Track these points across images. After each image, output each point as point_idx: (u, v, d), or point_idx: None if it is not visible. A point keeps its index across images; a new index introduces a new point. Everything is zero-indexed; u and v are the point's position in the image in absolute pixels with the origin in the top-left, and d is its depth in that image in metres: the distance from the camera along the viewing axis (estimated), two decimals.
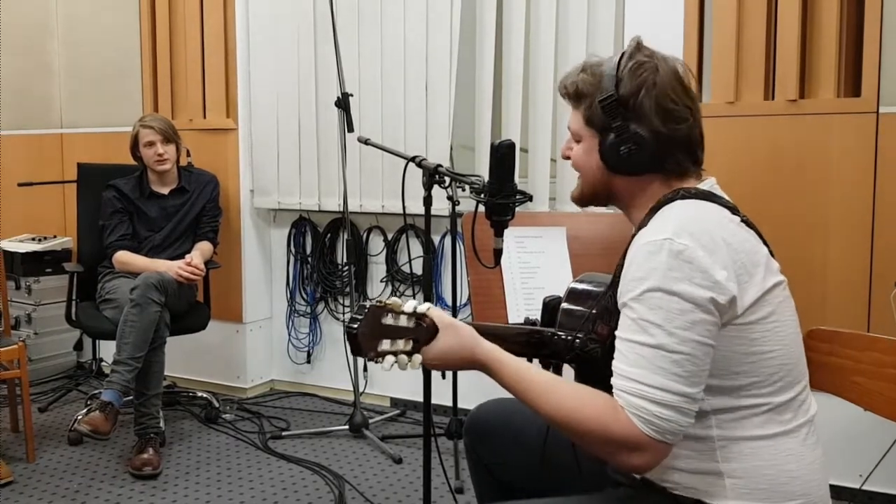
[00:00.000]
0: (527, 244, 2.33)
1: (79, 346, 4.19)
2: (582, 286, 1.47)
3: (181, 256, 3.29)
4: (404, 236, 3.55)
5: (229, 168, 3.76)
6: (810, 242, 2.59)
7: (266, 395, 3.87)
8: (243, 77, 3.74)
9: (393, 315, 1.26)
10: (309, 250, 3.81)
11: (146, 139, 3.34)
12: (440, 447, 3.00)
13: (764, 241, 1.32)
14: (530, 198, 1.80)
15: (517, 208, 1.76)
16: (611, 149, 1.33)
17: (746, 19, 2.63)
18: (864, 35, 2.50)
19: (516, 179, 1.75)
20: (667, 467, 1.28)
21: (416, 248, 3.52)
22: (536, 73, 3.18)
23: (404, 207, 2.24)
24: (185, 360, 3.83)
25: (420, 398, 2.27)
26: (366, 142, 2.95)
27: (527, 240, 2.33)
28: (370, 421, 3.31)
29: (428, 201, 2.19)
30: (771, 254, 1.32)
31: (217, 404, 3.56)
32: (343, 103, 3.20)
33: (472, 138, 3.39)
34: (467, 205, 1.98)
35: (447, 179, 2.14)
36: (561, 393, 1.25)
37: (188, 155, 3.56)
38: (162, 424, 3.13)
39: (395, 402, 3.67)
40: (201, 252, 3.35)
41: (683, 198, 1.31)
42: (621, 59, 1.33)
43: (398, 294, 3.60)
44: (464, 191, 2.07)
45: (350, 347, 1.24)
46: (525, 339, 1.46)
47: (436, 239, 3.45)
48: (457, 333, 1.30)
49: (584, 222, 2.38)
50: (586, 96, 1.35)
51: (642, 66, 1.32)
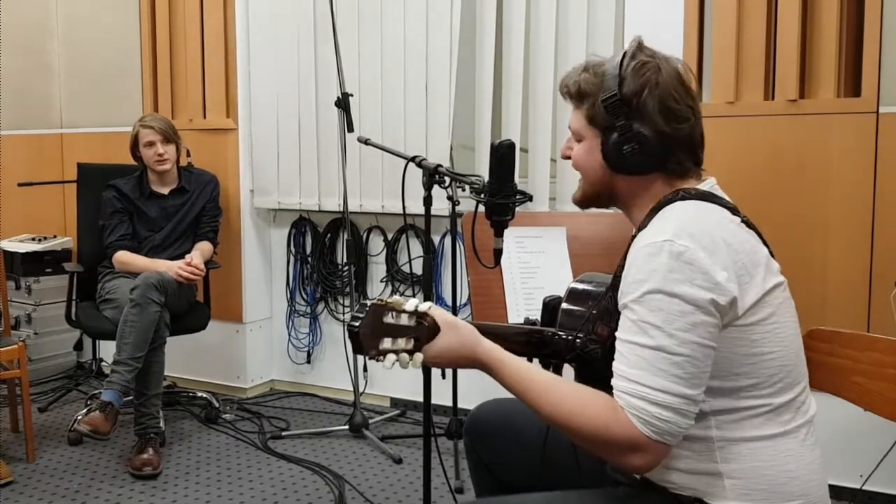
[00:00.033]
0: (527, 244, 2.33)
1: (79, 346, 4.19)
2: (582, 286, 1.48)
3: (181, 256, 3.29)
4: (404, 236, 3.55)
5: (229, 168, 3.76)
6: (810, 242, 2.59)
7: (266, 395, 3.87)
8: (243, 77, 3.74)
9: (394, 314, 1.26)
10: (309, 250, 3.80)
11: (146, 139, 3.34)
12: (440, 447, 3.00)
13: (764, 241, 1.32)
14: (530, 198, 1.80)
15: (517, 208, 1.76)
16: (613, 148, 1.33)
17: (746, 19, 2.63)
18: (864, 35, 2.50)
19: (516, 179, 1.75)
20: (666, 468, 1.28)
21: (416, 248, 3.52)
22: (536, 73, 3.18)
23: (404, 207, 2.23)
24: (185, 360, 3.83)
25: (420, 398, 2.26)
26: (366, 142, 2.95)
27: (527, 240, 2.33)
28: (370, 421, 3.31)
29: (428, 201, 2.19)
30: (771, 254, 1.32)
31: (217, 404, 3.56)
32: (343, 103, 3.21)
33: (472, 138, 3.39)
34: (467, 205, 1.98)
35: (447, 179, 2.14)
36: (561, 393, 1.25)
37: (188, 155, 3.56)
38: (162, 424, 3.13)
39: (395, 403, 3.67)
40: (201, 252, 3.35)
41: (684, 199, 1.31)
42: (623, 58, 1.33)
43: (398, 294, 3.60)
44: (464, 191, 2.07)
45: (351, 345, 1.24)
46: (525, 339, 1.46)
47: (436, 239, 3.45)
48: (458, 332, 1.30)
49: (584, 222, 2.38)
50: (589, 95, 1.35)
51: (645, 65, 1.32)
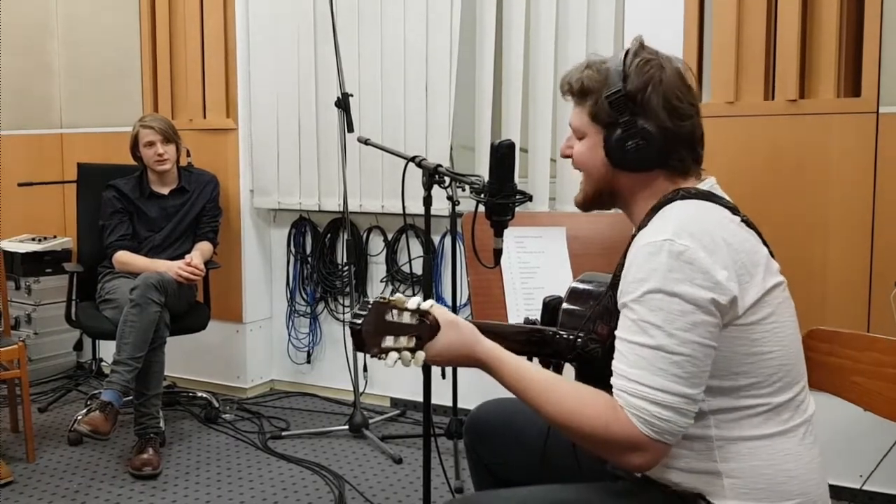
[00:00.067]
0: (527, 244, 2.33)
1: (79, 347, 4.19)
2: (583, 286, 1.48)
3: (181, 256, 3.29)
4: (404, 236, 3.55)
5: (229, 168, 3.76)
6: (810, 242, 2.59)
7: (266, 395, 3.87)
8: (243, 77, 3.74)
9: (396, 312, 1.26)
10: (309, 250, 3.80)
11: (146, 139, 3.34)
12: (440, 447, 3.00)
13: (764, 241, 1.32)
14: (530, 198, 1.80)
15: (517, 208, 1.76)
16: (617, 144, 1.33)
17: (746, 19, 2.63)
18: (864, 35, 2.50)
19: (516, 179, 1.75)
20: (666, 467, 1.28)
21: (416, 248, 3.52)
22: (536, 72, 3.18)
23: (404, 207, 2.24)
24: (185, 360, 3.83)
25: (420, 398, 2.26)
26: (366, 142, 2.95)
27: (527, 240, 2.33)
28: (370, 421, 3.31)
29: (428, 201, 2.19)
30: (771, 254, 1.32)
31: (217, 404, 3.56)
32: (343, 103, 3.20)
33: (472, 138, 3.39)
34: (467, 205, 1.98)
35: (447, 179, 2.14)
36: (561, 392, 1.25)
37: (188, 155, 3.56)
38: (162, 424, 3.13)
39: (395, 402, 3.67)
40: (201, 252, 3.35)
41: (683, 198, 1.31)
42: (626, 55, 1.34)
43: (399, 294, 3.59)
44: (464, 191, 2.07)
45: (353, 343, 1.24)
46: (526, 338, 1.46)
47: (436, 239, 3.45)
48: (458, 331, 1.30)
49: (584, 222, 2.38)
50: (592, 92, 1.35)
51: (649, 62, 1.33)
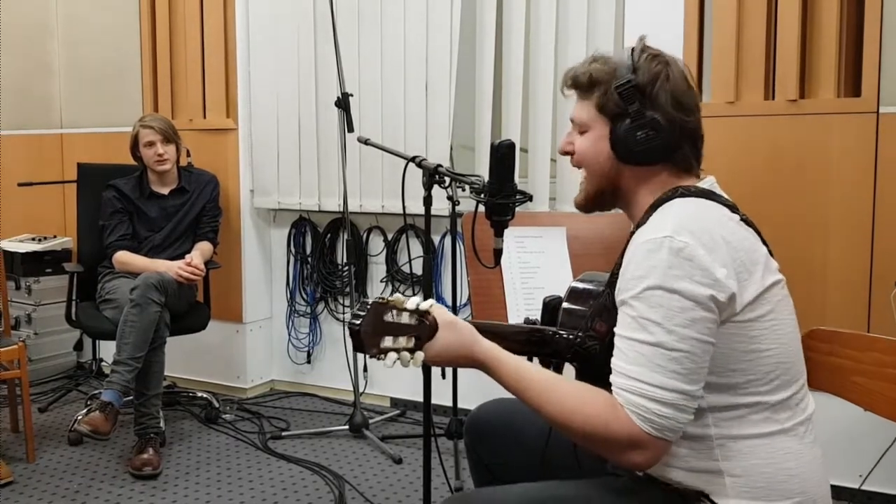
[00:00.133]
0: (527, 244, 2.33)
1: (79, 347, 4.19)
2: (583, 285, 1.47)
3: (181, 256, 3.29)
4: (404, 236, 3.55)
5: (229, 168, 3.76)
6: (810, 242, 2.59)
7: (266, 396, 3.87)
8: (243, 77, 3.74)
9: (395, 312, 1.26)
10: (309, 250, 3.80)
11: (146, 139, 3.34)
12: (440, 447, 3.00)
13: (763, 240, 1.32)
14: (530, 198, 1.80)
15: (517, 208, 1.76)
16: (626, 134, 1.33)
17: (746, 19, 2.63)
18: (864, 35, 2.50)
19: (516, 179, 1.75)
20: (666, 466, 1.28)
21: (416, 248, 3.52)
22: (536, 73, 3.18)
23: (404, 207, 2.24)
24: (185, 360, 3.83)
25: (420, 398, 2.26)
26: (366, 142, 2.95)
27: (527, 240, 2.33)
28: (370, 421, 3.31)
29: (428, 201, 2.19)
30: (770, 253, 1.32)
31: (217, 404, 3.56)
32: (343, 103, 3.21)
33: (472, 138, 3.39)
34: (467, 205, 1.98)
35: (447, 179, 2.14)
36: (561, 391, 1.25)
37: (188, 155, 3.56)
38: (162, 424, 3.13)
39: (395, 403, 3.67)
40: (201, 252, 3.35)
41: (683, 196, 1.31)
42: (633, 51, 1.35)
43: (399, 294, 3.59)
44: (464, 191, 2.07)
45: (352, 344, 1.24)
46: (525, 338, 1.46)
47: (436, 239, 3.45)
48: (456, 331, 1.30)
49: (584, 222, 2.38)
50: (601, 83, 1.35)
51: (657, 57, 1.35)
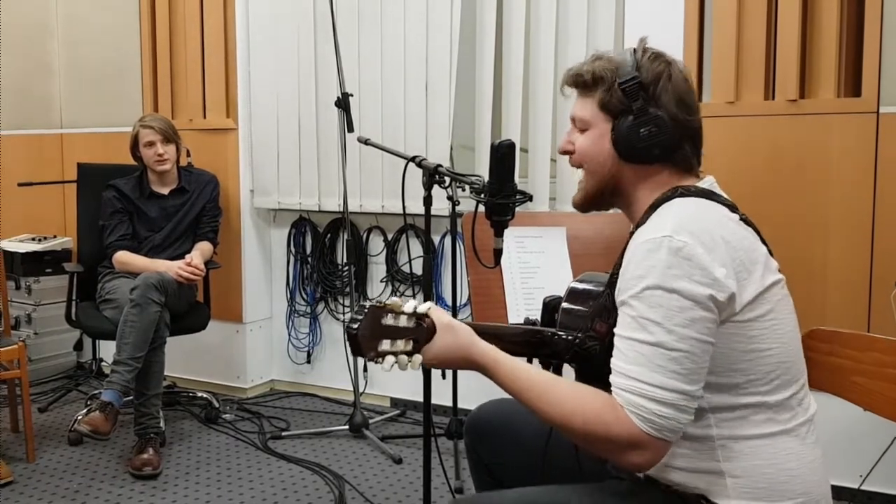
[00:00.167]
0: (527, 244, 2.33)
1: (79, 346, 4.19)
2: (582, 286, 1.47)
3: (181, 256, 3.29)
4: (404, 236, 3.55)
5: (229, 168, 3.76)
6: (810, 242, 2.59)
7: (266, 395, 3.87)
8: (243, 77, 3.74)
9: (393, 315, 1.25)
10: (309, 250, 3.81)
11: (146, 139, 3.34)
12: (440, 447, 3.00)
13: (763, 239, 1.32)
14: (530, 198, 1.80)
15: (517, 208, 1.76)
16: (629, 131, 1.33)
17: (746, 19, 2.63)
18: (865, 35, 2.50)
19: (516, 179, 1.75)
20: (668, 466, 1.28)
21: (416, 248, 3.52)
22: (536, 73, 3.18)
23: (404, 207, 2.23)
24: (185, 360, 3.83)
25: (420, 398, 2.26)
26: (366, 142, 2.95)
27: (527, 240, 2.33)
28: (370, 421, 3.31)
29: (428, 201, 2.19)
30: (770, 252, 1.32)
31: (217, 404, 3.56)
32: (343, 103, 3.21)
33: (472, 138, 3.39)
34: (467, 205, 1.98)
35: (447, 179, 2.14)
36: (559, 393, 1.25)
37: (188, 155, 3.57)
38: (162, 424, 3.13)
39: (395, 403, 3.67)
40: (201, 252, 3.35)
41: (683, 196, 1.31)
42: (635, 50, 1.36)
43: (398, 294, 3.60)
44: (464, 191, 2.07)
45: (350, 348, 1.24)
46: (525, 339, 1.46)
47: (436, 239, 3.45)
48: (454, 333, 1.30)
49: (584, 222, 2.38)
50: (604, 81, 1.35)
51: (659, 57, 1.35)
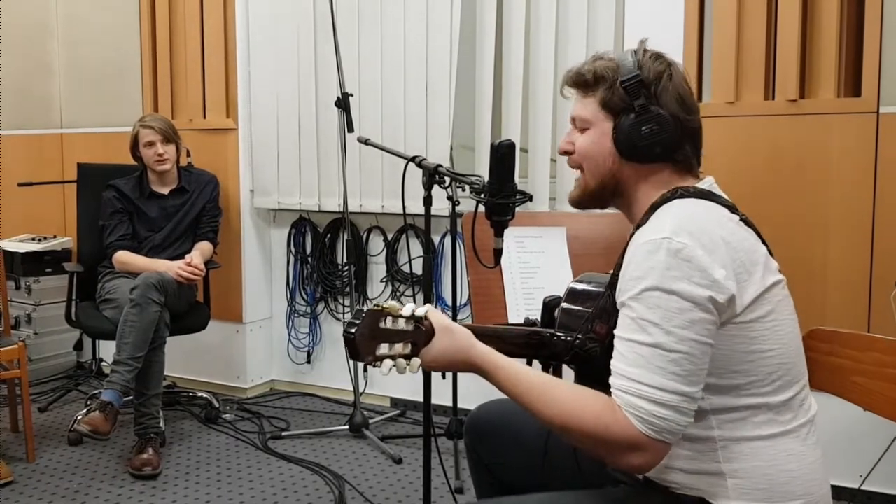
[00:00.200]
0: (527, 244, 2.33)
1: (79, 346, 4.19)
2: (581, 286, 1.47)
3: (181, 256, 3.29)
4: (404, 236, 3.55)
5: (229, 168, 3.76)
6: (810, 242, 2.59)
7: (266, 395, 3.87)
8: (243, 77, 3.74)
9: (391, 319, 1.25)
10: (309, 250, 3.80)
11: (146, 139, 3.34)
12: (440, 447, 3.00)
13: (763, 240, 1.32)
14: (530, 198, 1.80)
15: (517, 208, 1.76)
16: (631, 129, 1.32)
17: (746, 19, 2.63)
18: (865, 35, 2.50)
19: (516, 179, 1.75)
20: (668, 467, 1.28)
21: (416, 248, 3.52)
22: (536, 73, 3.18)
23: (404, 207, 2.23)
24: (185, 360, 3.83)
25: (420, 398, 2.26)
26: (366, 142, 2.95)
27: (527, 240, 2.33)
28: (370, 421, 3.31)
29: (428, 201, 2.19)
30: (770, 253, 1.32)
31: (217, 404, 3.56)
32: (343, 103, 3.21)
33: (472, 138, 3.39)
34: (467, 205, 1.98)
35: (447, 179, 2.14)
36: (559, 394, 1.25)
37: (188, 155, 3.57)
38: (162, 424, 3.13)
39: (395, 403, 3.67)
40: (201, 252, 3.35)
41: (682, 196, 1.31)
42: (636, 51, 1.36)
43: (398, 294, 3.60)
44: (464, 191, 2.07)
45: (348, 352, 1.23)
46: (524, 341, 1.46)
47: (436, 239, 3.44)
48: (452, 336, 1.30)
49: (584, 222, 2.38)
50: (605, 79, 1.35)
51: (660, 57, 1.36)
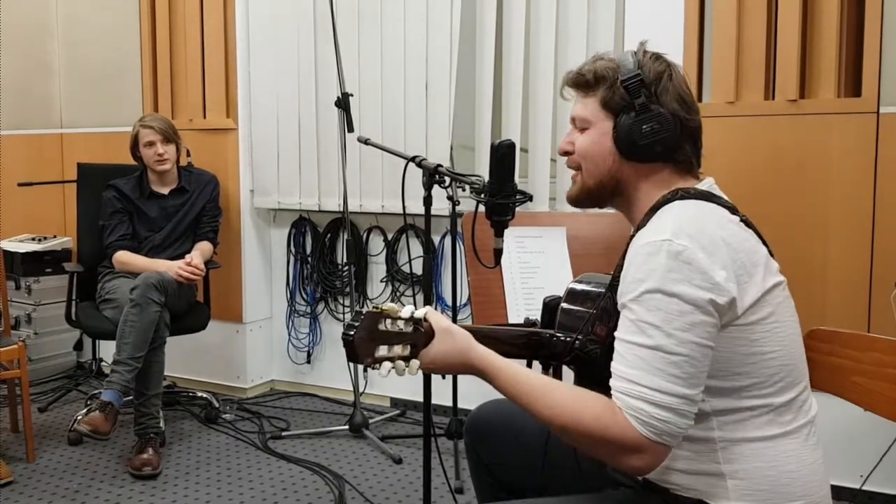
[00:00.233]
0: (527, 244, 2.33)
1: (79, 346, 4.19)
2: (581, 286, 1.47)
3: (181, 256, 3.29)
4: (404, 236, 3.55)
5: (229, 168, 3.76)
6: (810, 242, 2.59)
7: (266, 395, 3.87)
8: (243, 77, 3.74)
9: (390, 320, 1.24)
10: (309, 250, 3.80)
11: (146, 139, 3.34)
12: (440, 447, 3.00)
13: (763, 241, 1.32)
14: (530, 198, 1.80)
15: (517, 208, 1.76)
16: (631, 128, 1.32)
17: (746, 19, 2.63)
18: (865, 35, 2.50)
19: (516, 179, 1.75)
20: (668, 468, 1.27)
21: (416, 248, 3.52)
22: (536, 73, 3.18)
23: (404, 207, 2.23)
24: (185, 360, 3.83)
25: (420, 398, 2.27)
26: (366, 142, 2.96)
27: (527, 240, 2.33)
28: (370, 421, 3.31)
29: (428, 201, 2.19)
30: (770, 254, 1.31)
31: (217, 404, 3.56)
32: (343, 103, 3.21)
33: (472, 138, 3.39)
34: (467, 205, 1.98)
35: (447, 179, 2.14)
36: (558, 396, 1.24)
37: (188, 155, 3.57)
38: (162, 424, 3.13)
39: (395, 403, 3.67)
40: (201, 252, 3.35)
41: (682, 198, 1.30)
42: (636, 52, 1.36)
43: (398, 294, 3.60)
44: (464, 191, 2.07)
45: (347, 354, 1.23)
46: (524, 341, 1.46)
47: (436, 239, 3.44)
48: (452, 338, 1.29)
49: (584, 222, 2.38)
50: (606, 79, 1.35)
51: (660, 57, 1.36)
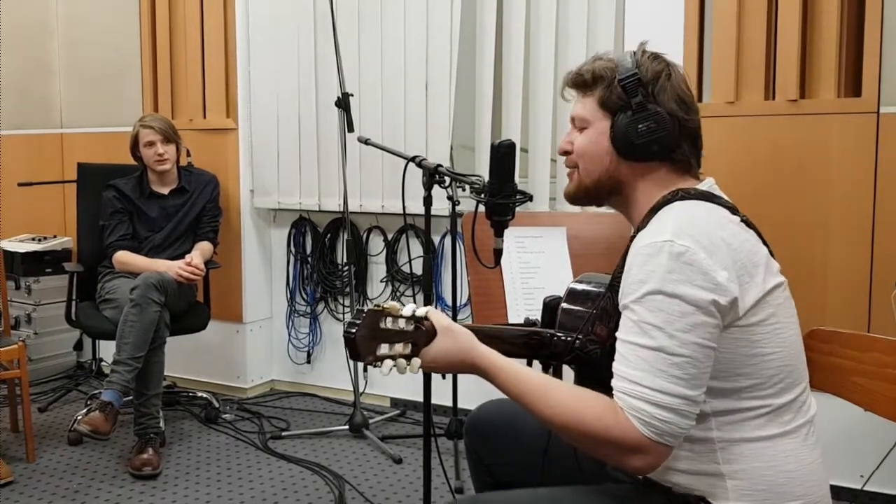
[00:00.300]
0: (527, 244, 2.33)
1: (79, 346, 4.19)
2: (581, 286, 1.47)
3: (181, 256, 3.29)
4: (404, 236, 3.55)
5: (229, 168, 3.76)
6: (810, 243, 2.59)
7: (266, 395, 3.87)
8: (243, 77, 3.74)
9: (391, 319, 1.25)
10: (309, 250, 3.80)
11: (146, 139, 3.34)
12: (440, 447, 3.00)
13: (764, 241, 1.32)
14: (530, 198, 1.80)
15: (517, 208, 1.76)
16: (627, 127, 1.32)
17: (746, 19, 2.63)
18: (865, 35, 2.50)
19: (516, 179, 1.75)
20: (668, 468, 1.27)
21: (416, 248, 3.52)
22: (536, 73, 3.18)
23: (404, 207, 2.23)
24: (185, 360, 3.83)
25: (420, 398, 2.26)
26: (366, 142, 2.96)
27: (527, 240, 2.33)
28: (370, 421, 3.31)
29: (428, 201, 2.19)
30: (771, 254, 1.31)
31: (217, 404, 3.56)
32: (343, 103, 3.20)
33: (472, 138, 3.39)
34: (467, 205, 1.98)
35: (447, 179, 2.14)
36: (560, 395, 1.25)
37: (188, 155, 3.57)
38: (162, 424, 3.13)
39: (395, 403, 3.67)
40: (201, 252, 3.35)
41: (683, 198, 1.31)
42: (635, 52, 1.36)
43: (398, 294, 3.60)
44: (464, 191, 2.07)
45: (348, 352, 1.23)
46: (524, 341, 1.46)
47: (436, 239, 3.44)
48: (453, 337, 1.29)
49: (585, 222, 2.38)
50: (604, 79, 1.36)
51: (658, 57, 1.36)
